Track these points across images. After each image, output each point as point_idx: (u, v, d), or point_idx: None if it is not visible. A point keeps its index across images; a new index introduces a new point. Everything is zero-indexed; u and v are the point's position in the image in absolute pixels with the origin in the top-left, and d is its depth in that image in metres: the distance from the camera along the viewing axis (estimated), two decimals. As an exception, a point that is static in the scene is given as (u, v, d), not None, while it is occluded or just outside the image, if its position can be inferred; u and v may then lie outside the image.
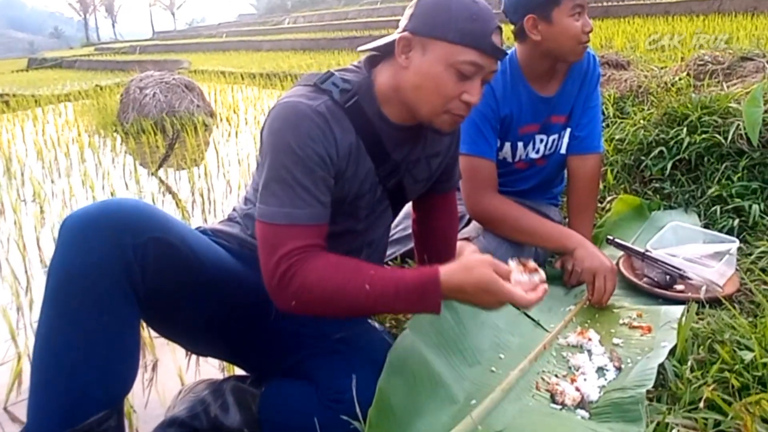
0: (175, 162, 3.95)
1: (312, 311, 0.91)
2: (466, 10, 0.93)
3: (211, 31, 22.95)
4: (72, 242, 0.81)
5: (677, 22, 8.32)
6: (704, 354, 1.07)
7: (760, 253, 1.44)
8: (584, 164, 1.60)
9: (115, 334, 0.83)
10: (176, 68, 10.95)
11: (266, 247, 0.90)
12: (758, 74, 2.25)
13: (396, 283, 0.89)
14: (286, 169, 0.90)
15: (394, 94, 1.01)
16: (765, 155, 1.73)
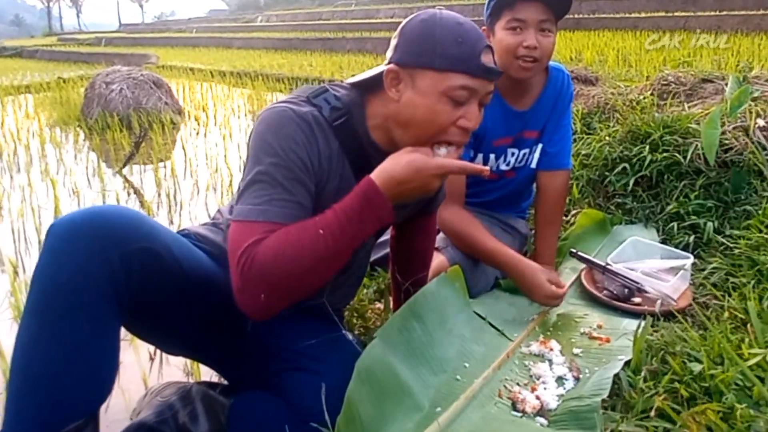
0: (141, 160, 3.90)
1: (282, 292, 0.87)
2: (451, 33, 0.91)
3: (181, 26, 22.61)
4: (58, 250, 0.82)
5: (644, 37, 8.62)
6: (657, 365, 1.13)
7: (713, 269, 1.53)
8: (553, 180, 1.66)
9: (97, 343, 0.83)
10: (143, 63, 10.76)
11: (233, 244, 0.88)
12: (717, 96, 2.37)
13: (342, 212, 0.89)
14: (266, 169, 0.90)
15: (385, 123, 0.99)
16: (720, 175, 1.83)
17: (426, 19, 0.94)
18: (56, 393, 0.80)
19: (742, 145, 1.86)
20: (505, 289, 1.58)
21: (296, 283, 0.87)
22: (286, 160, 0.90)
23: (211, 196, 3.20)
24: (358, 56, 10.76)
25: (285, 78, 7.73)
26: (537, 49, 1.42)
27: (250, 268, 0.84)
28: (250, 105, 6.15)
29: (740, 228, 1.62)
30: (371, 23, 16.16)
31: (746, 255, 1.47)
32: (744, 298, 1.31)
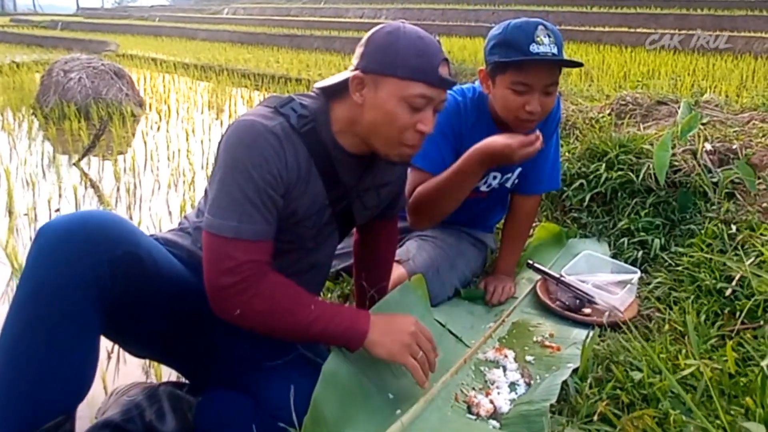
0: (100, 153, 3.83)
1: (251, 322, 0.99)
2: (413, 46, 1.02)
3: (143, 13, 22.04)
4: (50, 253, 0.85)
5: (607, 52, 8.94)
6: (602, 373, 1.23)
7: (657, 284, 1.65)
8: (526, 202, 1.74)
9: (79, 344, 0.87)
10: (102, 50, 10.49)
11: (212, 257, 0.97)
12: (670, 118, 2.53)
13: (334, 315, 1.03)
14: (237, 185, 0.96)
15: (349, 127, 1.08)
16: (669, 194, 1.97)
17: (391, 31, 1.04)
18: (38, 391, 0.83)
19: (690, 167, 2.00)
20: (465, 297, 1.66)
21: (267, 322, 1.01)
22: (256, 177, 0.97)
23: (172, 193, 3.18)
24: (325, 55, 10.77)
25: (251, 74, 7.68)
26: (538, 112, 1.42)
27: (242, 292, 0.96)
28: (214, 100, 6.10)
29: (684, 246, 1.75)
30: (340, 22, 16.17)
31: (688, 271, 1.59)
32: (684, 311, 1.42)
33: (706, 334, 1.32)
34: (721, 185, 1.89)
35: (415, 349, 1.07)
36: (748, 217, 1.71)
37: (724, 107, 2.59)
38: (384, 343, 1.05)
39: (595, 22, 13.69)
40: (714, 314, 1.41)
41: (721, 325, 1.36)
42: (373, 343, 1.04)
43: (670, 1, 16.25)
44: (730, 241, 1.63)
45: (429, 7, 18.54)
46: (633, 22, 13.19)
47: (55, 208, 2.83)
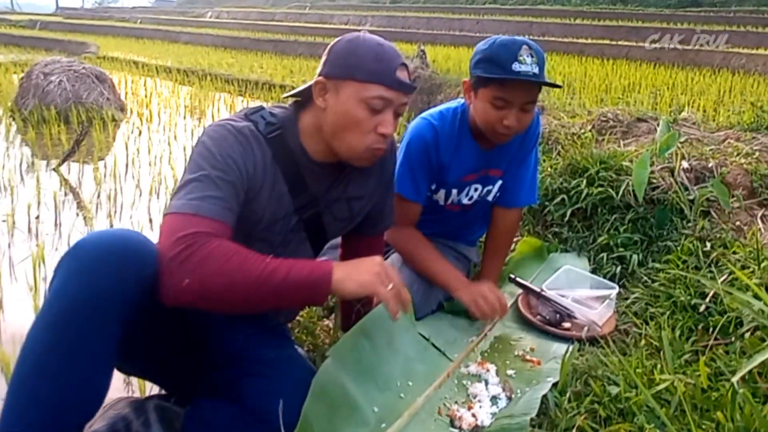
0: (80, 158, 3.80)
1: (204, 289, 0.92)
2: (372, 51, 1.09)
3: (124, 15, 21.89)
4: (85, 270, 0.87)
5: (589, 64, 9.12)
6: (581, 387, 1.28)
7: (635, 299, 1.70)
8: (507, 216, 1.78)
9: (103, 361, 0.90)
10: (82, 52, 10.39)
11: (166, 233, 0.94)
12: (650, 135, 2.61)
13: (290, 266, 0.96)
14: (203, 172, 1.00)
15: (316, 133, 1.14)
16: (647, 211, 2.03)
17: (351, 39, 1.12)
18: (59, 404, 0.86)
19: (668, 185, 2.07)
20: (448, 311, 1.70)
21: (221, 288, 0.93)
22: (222, 164, 1.02)
23: (154, 200, 3.17)
24: (309, 61, 10.79)
25: (234, 79, 7.67)
26: (515, 127, 1.49)
27: (189, 257, 0.91)
28: (197, 105, 6.08)
29: (661, 262, 1.81)
30: (325, 28, 16.22)
31: (664, 288, 1.65)
32: (660, 327, 1.48)
33: (681, 350, 1.37)
34: (697, 203, 1.96)
35: (385, 280, 1.04)
36: (722, 234, 1.78)
37: (701, 125, 2.68)
38: (352, 277, 1.00)
39: (578, 33, 13.96)
40: (688, 330, 1.47)
41: (695, 341, 1.42)
42: (341, 280, 0.99)
43: (650, 16, 16.64)
44: (704, 258, 1.69)
45: (414, 15, 18.71)
46: (615, 34, 13.48)
47: (35, 215, 2.81)
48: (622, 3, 20.73)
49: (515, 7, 20.86)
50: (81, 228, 2.73)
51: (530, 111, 1.50)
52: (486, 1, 23.87)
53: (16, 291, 2.08)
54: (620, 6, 20.16)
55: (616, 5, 20.76)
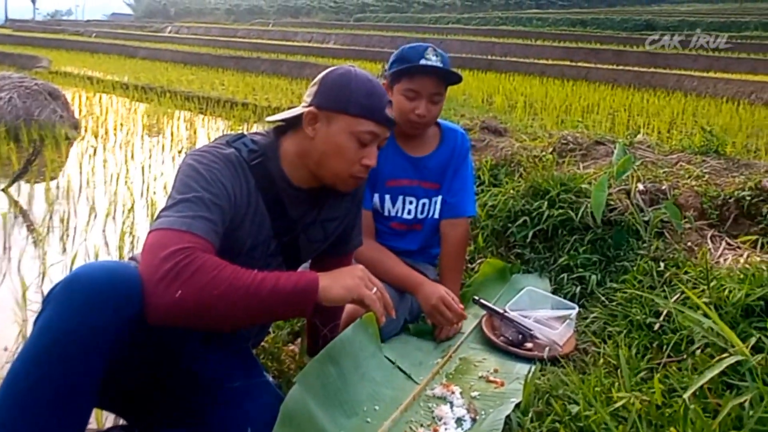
0: (31, 178, 3.71)
1: (195, 301, 0.92)
2: (364, 87, 1.16)
3: (78, 28, 21.49)
4: (78, 303, 0.88)
5: (550, 84, 9.45)
6: (542, 407, 1.32)
7: (594, 318, 1.78)
8: (454, 229, 1.88)
9: (88, 395, 0.90)
10: (33, 66, 10.15)
11: (154, 248, 0.94)
12: (607, 158, 2.73)
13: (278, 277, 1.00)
14: (195, 191, 1.03)
15: (298, 160, 1.19)
16: (605, 232, 2.13)
17: (343, 73, 1.19)
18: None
19: (624, 207, 2.17)
20: (413, 333, 1.74)
21: (212, 300, 0.94)
22: (214, 188, 1.05)
23: (109, 222, 3.12)
24: (273, 78, 10.82)
25: (195, 97, 7.61)
26: (426, 116, 1.72)
27: (186, 266, 0.92)
28: (155, 123, 6.01)
29: (618, 281, 1.89)
30: (288, 45, 16.31)
31: (621, 307, 1.73)
32: (617, 345, 1.55)
33: (637, 367, 1.44)
34: (652, 224, 2.06)
35: (369, 284, 1.10)
36: (674, 255, 1.88)
37: (655, 148, 2.82)
38: (338, 282, 1.05)
39: (539, 54, 14.45)
40: (644, 348, 1.54)
41: (650, 358, 1.49)
42: (328, 287, 1.03)
43: (608, 38, 17.33)
44: (658, 278, 1.78)
45: (378, 34, 19.00)
46: (574, 56, 14.02)
47: (-17, 239, 2.73)
48: (582, 25, 21.58)
49: (478, 27, 21.46)
50: (31, 252, 2.66)
51: (438, 103, 1.75)
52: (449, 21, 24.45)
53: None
54: (579, 28, 20.99)
55: (576, 27, 21.60)
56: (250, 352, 1.30)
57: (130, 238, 2.83)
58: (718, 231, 2.05)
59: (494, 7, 33.73)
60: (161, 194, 3.60)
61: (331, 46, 16.39)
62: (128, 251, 2.73)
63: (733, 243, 1.96)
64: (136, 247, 2.79)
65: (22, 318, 1.98)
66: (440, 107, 1.78)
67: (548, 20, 23.81)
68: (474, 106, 6.10)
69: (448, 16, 26.57)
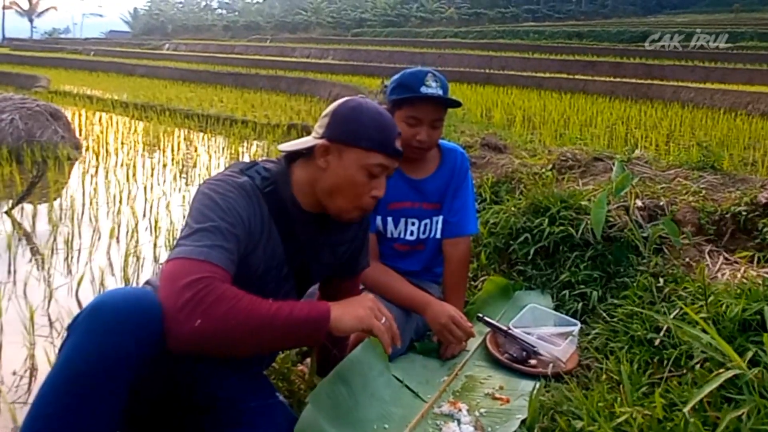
0: (34, 200, 3.76)
1: (214, 330, 0.97)
2: (375, 121, 1.21)
3: (76, 47, 21.68)
4: (100, 333, 0.92)
5: (548, 97, 9.56)
6: (548, 423, 1.37)
7: (595, 334, 1.82)
8: (456, 248, 1.93)
9: (108, 423, 0.94)
10: (32, 85, 10.26)
11: (174, 277, 0.99)
12: (606, 174, 2.80)
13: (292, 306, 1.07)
14: (212, 220, 1.07)
15: (308, 188, 1.24)
16: (605, 248, 2.18)
17: (354, 106, 1.24)
18: None
19: (623, 223, 2.23)
20: (420, 351, 1.79)
21: (231, 328, 0.99)
22: (230, 217, 1.10)
23: (113, 242, 3.16)
24: (271, 94, 10.93)
25: (194, 114, 7.70)
26: (427, 141, 1.78)
27: (206, 296, 0.97)
28: (155, 142, 6.08)
29: (619, 297, 1.94)
30: (286, 61, 16.47)
31: (622, 323, 1.77)
32: (619, 361, 1.59)
33: (639, 382, 1.49)
34: (651, 240, 2.11)
35: (378, 314, 1.16)
36: (673, 270, 1.93)
37: (653, 164, 2.88)
38: (349, 312, 1.12)
39: (536, 67, 14.61)
40: (645, 363, 1.58)
41: (651, 373, 1.53)
42: (339, 317, 1.10)
43: (605, 50, 17.51)
44: (658, 294, 1.83)
45: (376, 49, 19.20)
46: (571, 68, 14.15)
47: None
48: (578, 38, 21.80)
49: (476, 41, 21.67)
50: (36, 274, 2.71)
51: (438, 128, 1.81)
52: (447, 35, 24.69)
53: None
54: (576, 41, 21.21)
55: (572, 40, 21.82)
56: (263, 374, 1.35)
57: (135, 260, 2.88)
58: (716, 246, 2.11)
59: (491, 20, 34.10)
60: (164, 214, 3.65)
61: (329, 62, 16.56)
62: (132, 272, 2.78)
63: (730, 258, 2.01)
64: (141, 268, 2.84)
65: (30, 341, 2.01)
66: (440, 131, 1.84)
67: (545, 33, 24.07)
68: (473, 122, 6.18)
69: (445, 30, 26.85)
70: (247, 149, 5.94)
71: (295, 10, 42.21)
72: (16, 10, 55.39)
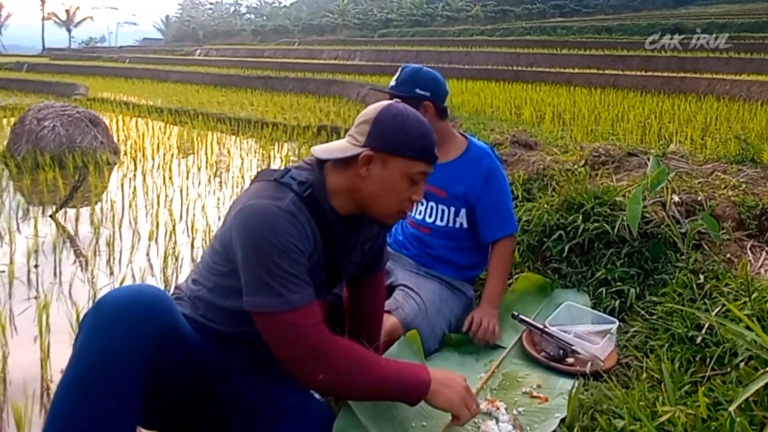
0: (76, 204, 3.87)
1: (332, 383, 1.11)
2: (417, 130, 1.21)
3: (112, 55, 22.23)
4: (104, 327, 0.96)
5: (578, 93, 9.38)
6: (587, 422, 1.35)
7: (634, 332, 1.78)
8: (500, 246, 1.97)
9: (125, 418, 0.97)
10: (72, 93, 10.55)
11: (278, 335, 1.08)
12: (641, 169, 2.73)
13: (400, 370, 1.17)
14: (273, 263, 1.07)
15: (346, 193, 1.23)
16: (642, 245, 2.13)
17: (397, 114, 1.22)
18: None
19: (660, 219, 2.17)
20: (453, 346, 1.78)
21: (349, 382, 1.12)
22: (287, 251, 1.09)
23: (152, 245, 3.23)
24: (300, 97, 11.03)
25: (226, 118, 7.82)
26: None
27: (321, 354, 1.08)
28: (189, 145, 6.20)
29: (657, 295, 1.89)
30: (314, 63, 16.58)
31: (662, 320, 1.73)
32: (659, 359, 1.56)
33: (681, 381, 1.45)
34: (689, 236, 2.06)
35: (469, 402, 1.22)
36: (714, 266, 1.87)
37: (689, 158, 2.81)
38: (444, 393, 1.20)
39: (564, 63, 14.37)
40: (687, 361, 1.54)
41: (693, 372, 1.49)
42: (435, 393, 1.19)
43: (635, 44, 17.13)
44: (698, 291, 1.78)
45: (403, 48, 19.18)
46: (601, 63, 13.87)
47: (33, 264, 2.86)
48: (607, 32, 21.38)
49: (503, 38, 21.44)
50: (80, 275, 2.78)
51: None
52: (473, 33, 24.51)
53: (21, 341, 2.13)
54: (605, 35, 20.79)
55: (601, 34, 21.41)
56: None
57: (173, 260, 2.94)
58: (758, 241, 2.04)
59: (518, 17, 33.72)
60: (200, 216, 3.72)
61: (357, 63, 16.61)
62: (171, 272, 2.84)
63: (773, 253, 1.95)
64: (179, 269, 2.90)
65: (77, 341, 2.07)
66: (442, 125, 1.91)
67: (573, 28, 23.67)
68: (502, 119, 6.12)
69: (472, 28, 26.66)
70: (279, 151, 6.01)
71: (322, 12, 42.46)
72: (54, 20, 57.20)
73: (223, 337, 1.19)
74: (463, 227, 1.99)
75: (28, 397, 1.71)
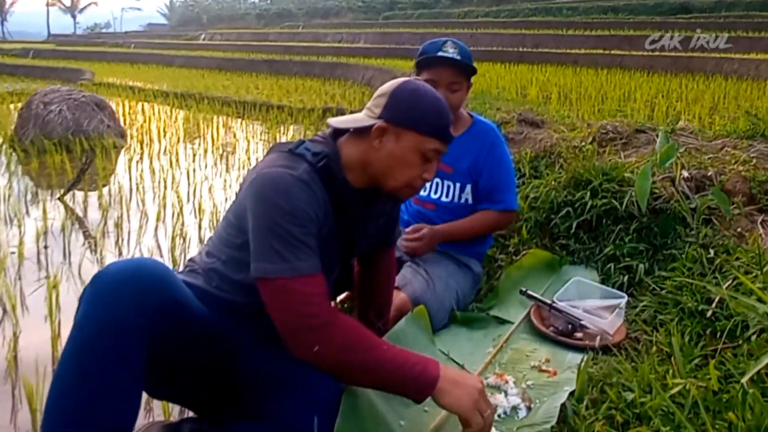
0: (83, 187, 3.87)
1: (329, 358, 1.05)
2: (434, 107, 1.19)
3: (117, 40, 22.13)
4: (103, 301, 0.95)
5: (584, 74, 9.26)
6: (597, 395, 1.33)
7: (643, 307, 1.77)
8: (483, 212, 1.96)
9: (129, 387, 0.97)
10: (78, 79, 10.53)
11: (279, 300, 1.05)
12: (649, 146, 2.69)
13: (406, 359, 1.09)
14: (283, 229, 1.06)
15: (359, 166, 1.21)
16: (651, 221, 2.11)
17: (414, 89, 1.19)
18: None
19: (669, 194, 2.14)
20: (461, 322, 1.76)
21: (348, 359, 1.06)
22: (298, 217, 1.08)
23: (160, 226, 3.23)
24: (305, 80, 10.96)
25: (232, 101, 7.78)
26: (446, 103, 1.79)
27: (320, 327, 1.04)
28: (195, 129, 6.18)
29: (667, 270, 1.87)
30: (319, 47, 16.44)
31: (671, 295, 1.71)
32: (669, 333, 1.54)
33: (691, 354, 1.43)
34: (699, 211, 2.03)
35: (482, 407, 1.10)
36: (724, 241, 1.85)
37: (698, 134, 2.76)
38: (453, 393, 1.08)
39: (570, 44, 14.18)
40: (697, 335, 1.53)
41: (704, 345, 1.48)
42: (443, 392, 1.08)
43: (642, 24, 16.89)
44: (709, 265, 1.76)
45: (407, 31, 18.97)
46: (607, 44, 13.67)
47: (43, 245, 2.87)
48: (613, 12, 21.05)
49: (508, 20, 21.17)
50: (90, 256, 2.79)
51: (457, 91, 1.86)
52: (478, 15, 24.21)
53: (31, 321, 2.14)
54: (611, 15, 20.47)
55: (608, 14, 21.07)
56: None
57: (181, 241, 2.94)
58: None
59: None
60: (207, 197, 3.71)
61: (362, 46, 16.46)
62: (179, 252, 2.84)
63: (785, 228, 1.92)
64: (187, 249, 2.90)
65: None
66: (460, 95, 1.88)
67: (579, 9, 23.30)
68: (509, 99, 6.05)
69: (477, 9, 26.29)
70: (284, 133, 5.98)
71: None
72: (59, 6, 56.94)
73: (236, 309, 1.17)
74: (468, 203, 1.97)
75: (39, 374, 1.71)
